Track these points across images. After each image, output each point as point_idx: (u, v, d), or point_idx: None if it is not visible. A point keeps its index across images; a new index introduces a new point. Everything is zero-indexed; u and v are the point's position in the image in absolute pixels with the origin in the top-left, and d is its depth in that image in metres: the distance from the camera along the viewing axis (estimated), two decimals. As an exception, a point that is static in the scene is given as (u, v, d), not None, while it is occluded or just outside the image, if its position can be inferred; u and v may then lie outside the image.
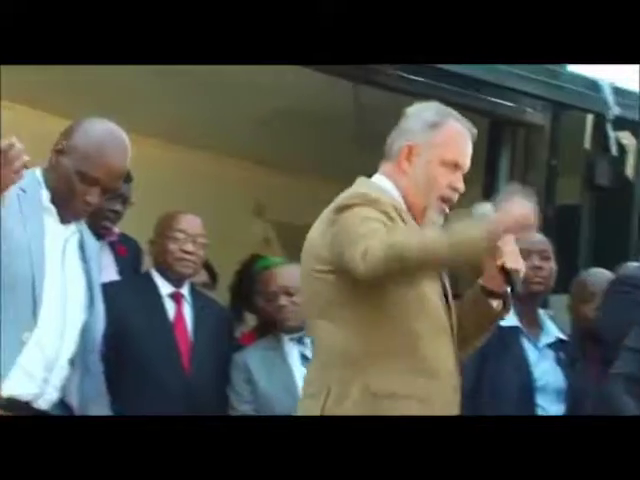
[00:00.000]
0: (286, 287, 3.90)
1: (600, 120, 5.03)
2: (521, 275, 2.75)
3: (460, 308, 2.84)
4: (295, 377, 3.85)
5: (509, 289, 2.79)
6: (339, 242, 2.67)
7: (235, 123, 5.99)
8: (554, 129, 5.03)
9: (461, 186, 2.83)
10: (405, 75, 4.52)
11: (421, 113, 2.87)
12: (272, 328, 4.00)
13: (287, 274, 3.94)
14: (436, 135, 2.81)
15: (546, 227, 3.02)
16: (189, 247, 3.81)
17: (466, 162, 2.85)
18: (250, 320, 4.63)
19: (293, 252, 5.70)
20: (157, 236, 3.89)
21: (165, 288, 3.85)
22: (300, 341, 3.93)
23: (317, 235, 2.77)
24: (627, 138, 5.08)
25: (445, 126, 2.82)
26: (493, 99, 4.69)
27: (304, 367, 3.85)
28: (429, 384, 2.68)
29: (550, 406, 3.90)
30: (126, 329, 3.70)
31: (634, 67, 4.73)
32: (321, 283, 2.73)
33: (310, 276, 2.76)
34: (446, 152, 2.80)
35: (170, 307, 3.84)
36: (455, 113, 2.88)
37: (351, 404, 2.65)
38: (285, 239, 6.84)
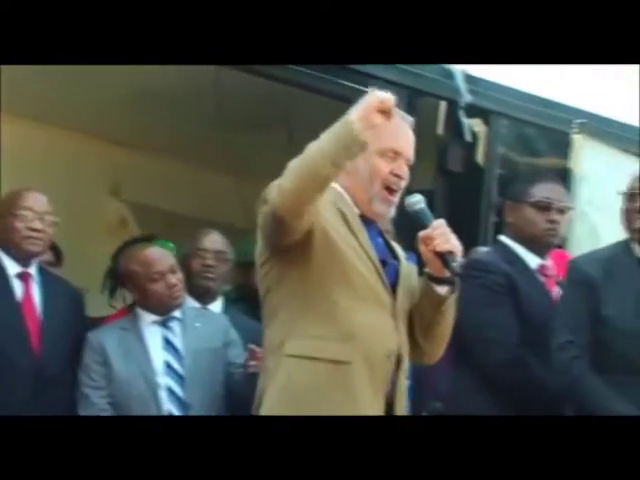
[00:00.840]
0: (171, 265, 3.89)
1: (453, 107, 5.12)
2: (457, 256, 2.82)
3: (418, 296, 2.95)
4: (153, 361, 3.80)
5: (448, 272, 2.84)
6: (262, 221, 2.77)
7: (91, 101, 5.91)
8: (408, 115, 5.09)
9: (403, 173, 2.91)
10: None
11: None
12: (146, 308, 3.91)
13: (165, 252, 3.94)
14: None
15: (399, 212, 3.06)
16: (37, 225, 3.76)
17: (405, 149, 2.92)
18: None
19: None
20: (1, 214, 3.80)
21: (12, 268, 3.78)
22: (164, 325, 3.88)
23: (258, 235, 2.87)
24: (478, 125, 5.17)
25: None
26: (349, 84, 4.72)
27: (167, 352, 3.84)
28: (346, 348, 2.78)
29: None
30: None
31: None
32: (261, 277, 2.88)
33: (257, 277, 2.90)
34: (380, 141, 2.83)
35: (17, 287, 3.78)
36: None
37: (277, 376, 2.78)
38: (141, 220, 6.78)
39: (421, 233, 2.85)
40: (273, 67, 4.49)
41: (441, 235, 2.82)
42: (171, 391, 3.77)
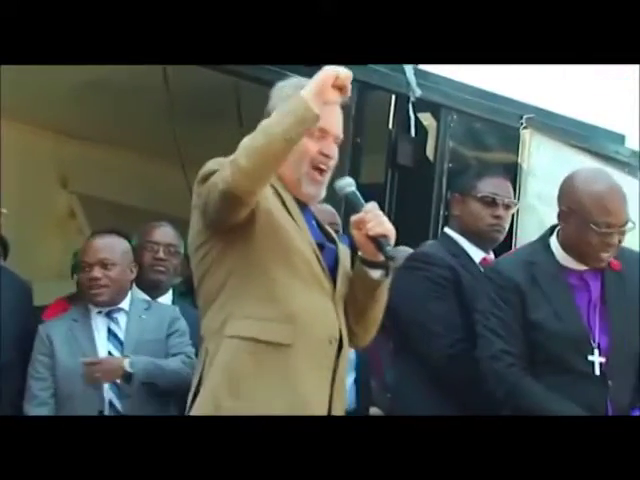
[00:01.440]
0: (102, 259, 3.83)
1: (403, 101, 5.13)
2: (390, 240, 2.79)
3: (351, 281, 2.91)
4: (98, 351, 3.78)
5: (382, 255, 2.81)
6: (204, 200, 2.72)
7: (40, 93, 5.87)
8: (359, 108, 5.09)
9: (332, 152, 2.87)
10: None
11: (280, 90, 2.90)
12: (83, 299, 3.91)
13: (105, 245, 3.88)
14: None
15: (349, 205, 3.06)
16: (-17, 217, 3.76)
17: (334, 128, 2.87)
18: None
19: (98, 226, 5.65)
20: (-54, 208, 3.79)
21: (-43, 259, 3.76)
22: (109, 315, 3.86)
23: (193, 217, 2.82)
24: (428, 119, 5.19)
25: None
26: (299, 77, 4.72)
27: (110, 342, 3.82)
28: (287, 330, 2.74)
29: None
30: None
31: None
32: (197, 261, 2.82)
33: (193, 261, 2.84)
34: None
35: (-37, 279, 3.75)
36: None
37: (218, 358, 2.74)
38: (90, 211, 6.75)
39: (353, 217, 2.82)
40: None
41: (374, 218, 2.78)
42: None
